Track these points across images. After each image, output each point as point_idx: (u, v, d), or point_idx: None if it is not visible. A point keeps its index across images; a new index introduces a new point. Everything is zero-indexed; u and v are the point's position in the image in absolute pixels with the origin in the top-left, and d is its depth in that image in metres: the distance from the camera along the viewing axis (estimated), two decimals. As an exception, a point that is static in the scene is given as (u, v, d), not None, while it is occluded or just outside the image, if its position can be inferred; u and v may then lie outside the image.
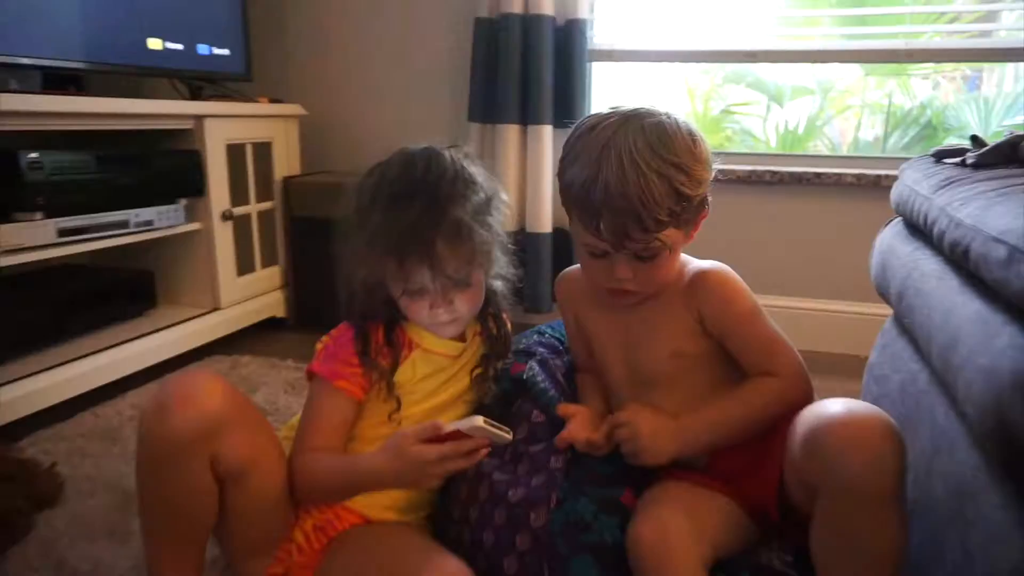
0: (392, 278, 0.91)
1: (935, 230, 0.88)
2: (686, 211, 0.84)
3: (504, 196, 0.97)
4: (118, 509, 1.20)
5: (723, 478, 0.90)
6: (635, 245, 0.84)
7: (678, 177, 0.82)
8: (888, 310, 1.28)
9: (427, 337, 0.98)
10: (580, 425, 0.93)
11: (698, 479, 0.90)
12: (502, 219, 0.96)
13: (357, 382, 0.94)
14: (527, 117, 2.08)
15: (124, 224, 1.69)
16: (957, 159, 1.00)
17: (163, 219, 1.80)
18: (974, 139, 1.07)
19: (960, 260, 0.82)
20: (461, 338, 1.02)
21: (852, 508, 0.72)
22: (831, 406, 0.76)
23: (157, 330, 1.83)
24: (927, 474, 0.85)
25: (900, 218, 1.22)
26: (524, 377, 1.02)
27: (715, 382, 0.93)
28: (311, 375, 0.97)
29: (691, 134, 0.86)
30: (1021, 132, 0.97)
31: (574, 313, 1.05)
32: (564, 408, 0.97)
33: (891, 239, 1.15)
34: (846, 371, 1.80)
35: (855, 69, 2.72)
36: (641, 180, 0.81)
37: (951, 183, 0.92)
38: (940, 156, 1.07)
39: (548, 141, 2.08)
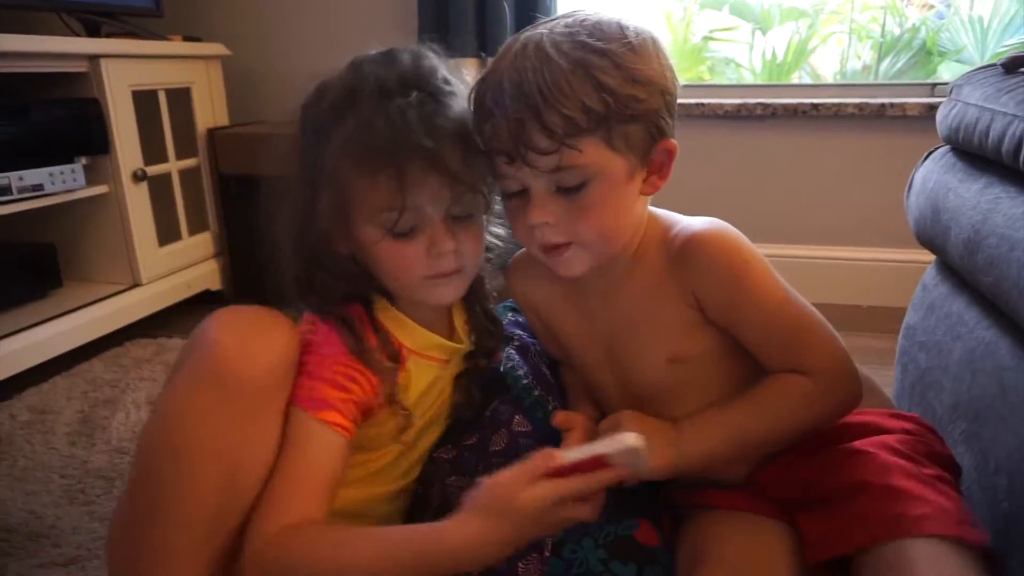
0: (373, 208, 0.65)
1: (1042, 159, 0.67)
2: (617, 118, 0.61)
3: None
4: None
5: (773, 499, 0.69)
6: (542, 160, 0.61)
7: (600, 64, 0.60)
8: (920, 255, 1.08)
9: (417, 334, 0.73)
10: (577, 444, 0.70)
11: (741, 502, 0.68)
12: None
13: (349, 411, 0.66)
14: (487, 48, 1.82)
15: (4, 190, 1.39)
16: (1048, 66, 0.78)
17: (58, 182, 1.51)
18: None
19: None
20: (453, 336, 0.78)
21: None
22: None
23: (63, 313, 1.55)
24: (1034, 481, 0.66)
25: (945, 148, 1.00)
26: (502, 370, 0.79)
27: (731, 386, 0.70)
28: None
29: (635, 29, 0.63)
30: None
31: (535, 309, 0.81)
32: (563, 418, 0.74)
33: (942, 175, 0.94)
34: (857, 324, 1.63)
35: (842, -10, 2.48)
36: (544, 65, 0.60)
37: (1054, 96, 0.70)
38: (1013, 65, 0.85)
39: (512, 76, 1.81)
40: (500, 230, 0.78)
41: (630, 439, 0.55)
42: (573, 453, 0.56)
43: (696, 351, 0.70)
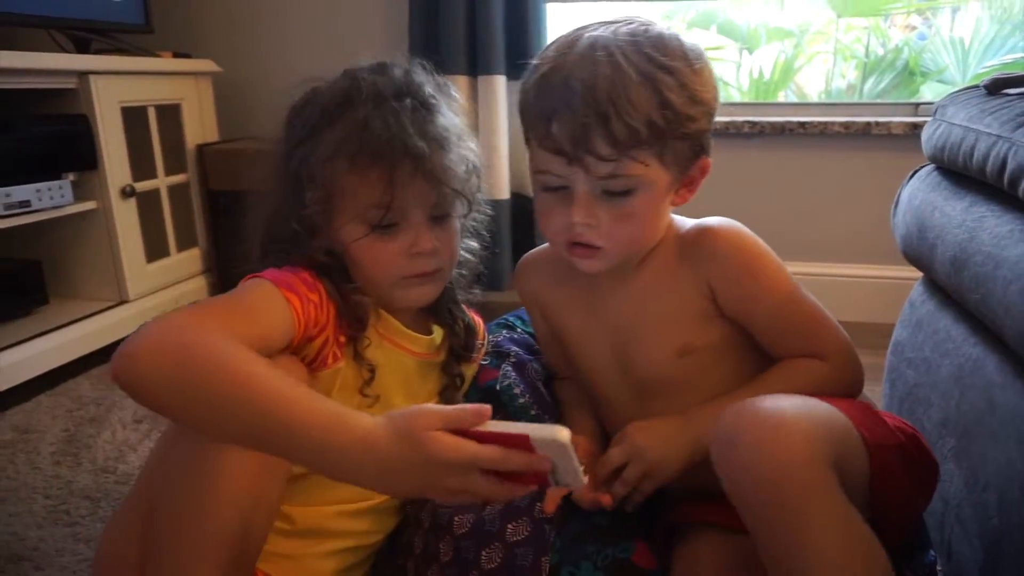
0: (360, 205, 0.68)
1: (1026, 179, 0.68)
2: (672, 135, 0.63)
3: (473, 144, 0.76)
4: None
5: None
6: (599, 166, 0.62)
7: (666, 81, 0.62)
8: (906, 272, 1.09)
9: (391, 325, 0.75)
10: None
11: (734, 519, 0.68)
12: (475, 161, 0.75)
13: (306, 309, 0.65)
14: (476, 67, 1.83)
15: (-9, 206, 1.38)
16: (1029, 88, 0.80)
17: (45, 198, 1.50)
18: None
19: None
20: (427, 330, 0.80)
21: (756, 526, 0.55)
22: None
23: (49, 330, 1.53)
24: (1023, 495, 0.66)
25: (931, 167, 1.02)
26: (498, 387, 0.79)
27: (736, 382, 0.71)
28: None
29: (694, 49, 0.66)
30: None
31: (541, 308, 0.82)
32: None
33: (928, 193, 0.95)
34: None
35: (827, 12, 2.53)
36: (616, 73, 0.61)
37: (1038, 117, 0.71)
38: (996, 87, 0.86)
39: (501, 93, 1.82)
40: (475, 243, 0.82)
41: (560, 433, 0.50)
42: (501, 425, 0.53)
43: (705, 342, 0.71)
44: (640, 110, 0.61)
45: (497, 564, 0.65)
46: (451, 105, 0.74)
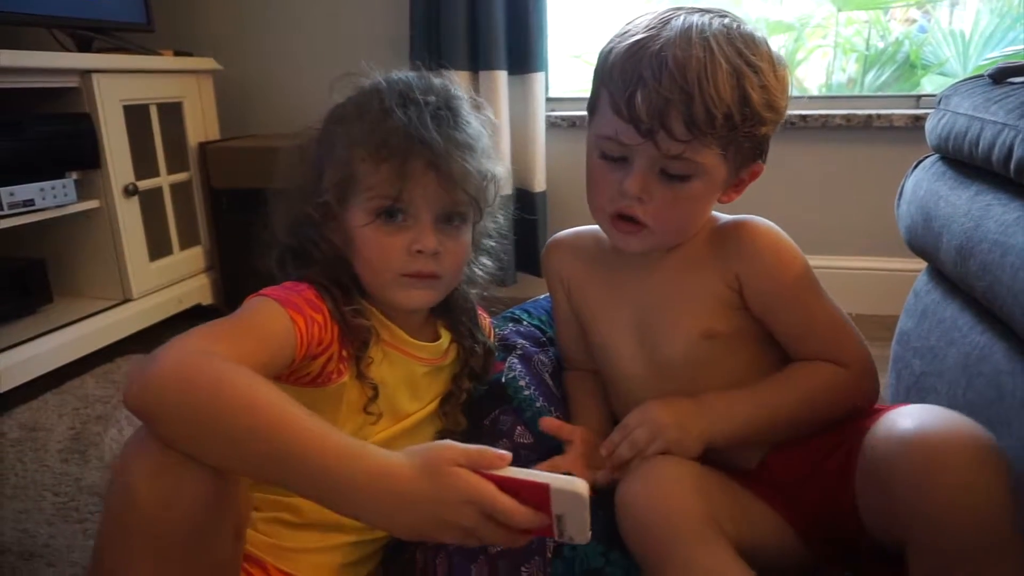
0: (371, 193, 0.68)
1: (1034, 166, 0.68)
2: (742, 132, 0.64)
3: (497, 160, 0.76)
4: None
5: (775, 485, 0.70)
6: (670, 145, 0.63)
7: (751, 78, 0.63)
8: (908, 264, 1.09)
9: (398, 335, 0.75)
10: (578, 458, 0.71)
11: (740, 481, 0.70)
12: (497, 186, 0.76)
13: (310, 329, 0.64)
14: (478, 62, 1.82)
15: (-5, 205, 1.38)
16: (1034, 76, 0.80)
17: (48, 197, 1.50)
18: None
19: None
20: (434, 335, 0.79)
21: (947, 563, 0.53)
22: (899, 421, 0.57)
23: (54, 329, 1.54)
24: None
25: (935, 157, 1.02)
26: (503, 380, 0.79)
27: (758, 370, 0.72)
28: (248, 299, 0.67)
29: (779, 56, 0.67)
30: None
31: (567, 288, 0.83)
32: (555, 426, 0.74)
33: (933, 183, 0.95)
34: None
35: (826, 5, 2.52)
36: (708, 58, 0.61)
37: (1043, 105, 0.71)
38: (1001, 76, 0.86)
39: (503, 89, 1.83)
40: (489, 262, 0.82)
41: (580, 486, 0.50)
42: (521, 471, 0.52)
43: (728, 329, 0.72)
44: (723, 99, 0.61)
45: (504, 548, 0.65)
46: (481, 121, 0.74)
